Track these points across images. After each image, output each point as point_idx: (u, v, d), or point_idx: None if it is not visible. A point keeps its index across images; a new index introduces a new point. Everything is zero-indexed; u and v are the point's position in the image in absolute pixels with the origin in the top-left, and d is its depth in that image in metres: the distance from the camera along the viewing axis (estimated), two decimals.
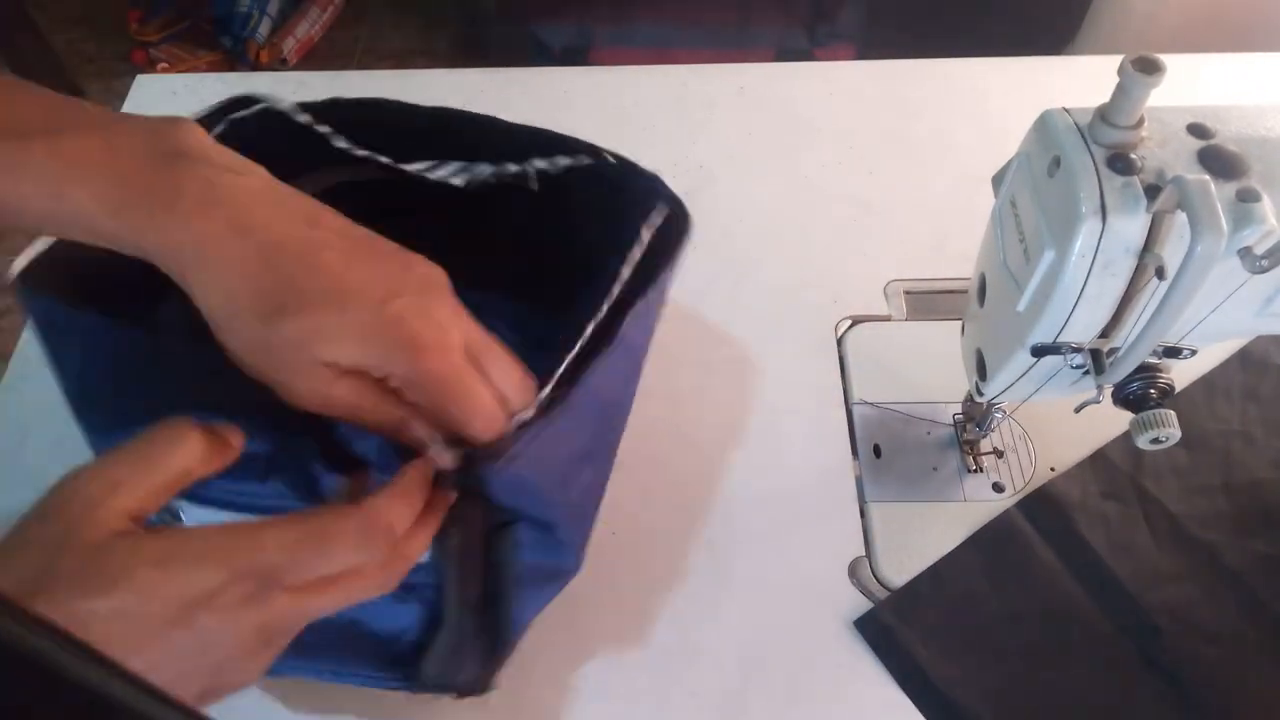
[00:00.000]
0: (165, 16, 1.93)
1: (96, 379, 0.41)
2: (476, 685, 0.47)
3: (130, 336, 0.40)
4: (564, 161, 0.47)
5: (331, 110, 0.47)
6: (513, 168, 0.47)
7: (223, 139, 0.41)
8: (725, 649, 0.53)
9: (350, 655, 0.46)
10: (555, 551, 0.46)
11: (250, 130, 0.46)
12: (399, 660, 0.46)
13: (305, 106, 0.47)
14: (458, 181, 0.47)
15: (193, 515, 0.42)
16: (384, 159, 0.47)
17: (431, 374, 0.36)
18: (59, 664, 0.20)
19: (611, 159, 0.47)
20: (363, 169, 0.47)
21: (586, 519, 0.49)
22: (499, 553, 0.44)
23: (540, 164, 0.47)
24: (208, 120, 0.46)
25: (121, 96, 0.79)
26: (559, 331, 0.53)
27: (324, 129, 0.46)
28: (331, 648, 0.46)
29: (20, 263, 0.41)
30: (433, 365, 0.36)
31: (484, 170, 0.48)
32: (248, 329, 0.35)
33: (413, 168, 0.47)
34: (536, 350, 0.57)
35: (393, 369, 0.36)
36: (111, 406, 0.41)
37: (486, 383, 0.38)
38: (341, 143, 0.46)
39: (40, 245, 0.41)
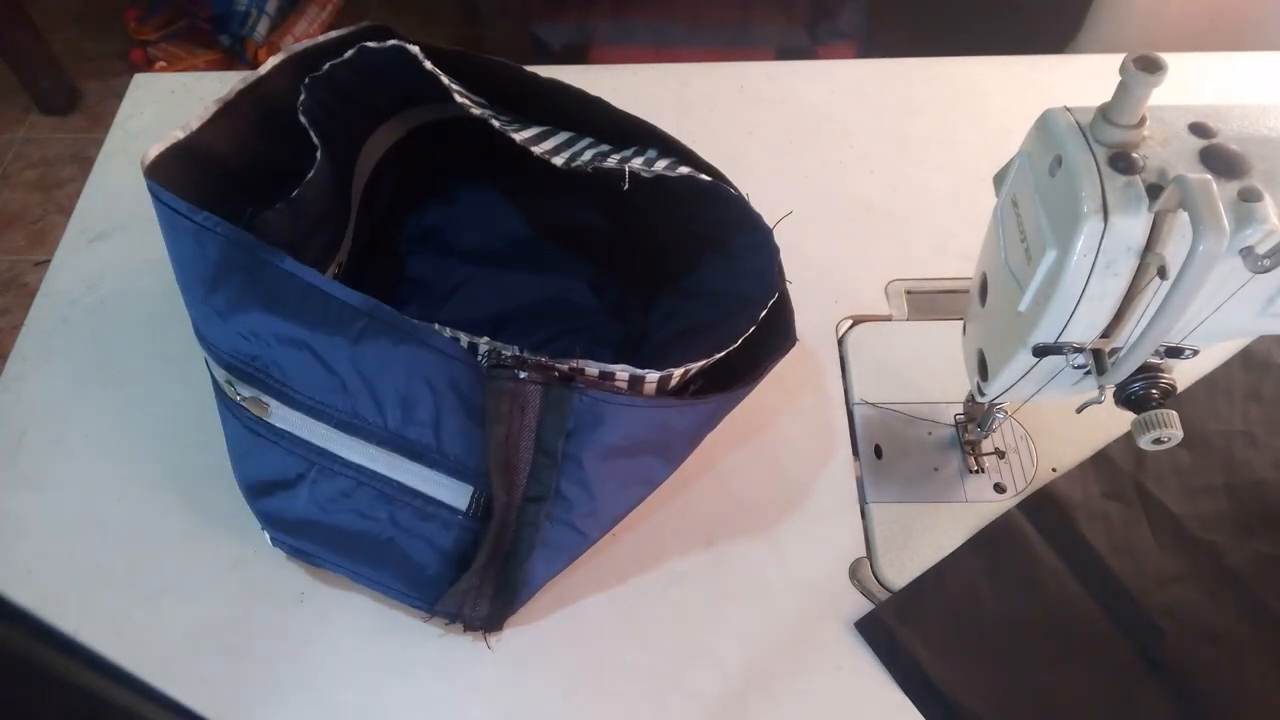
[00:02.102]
0: (163, 15, 1.93)
1: (203, 266, 0.45)
2: (486, 624, 0.52)
3: (235, 235, 0.44)
4: (660, 165, 0.50)
5: (455, 61, 0.51)
6: (611, 162, 0.50)
7: (350, 64, 0.48)
8: (725, 650, 0.53)
9: (386, 567, 0.51)
10: (575, 530, 0.50)
11: (379, 60, 0.50)
12: (423, 584, 0.51)
13: (431, 52, 0.50)
14: (558, 161, 0.50)
15: (279, 414, 0.47)
16: (497, 122, 0.50)
17: None
18: (57, 667, 0.20)
19: (705, 176, 0.51)
20: (473, 121, 0.50)
21: (608, 523, 0.52)
22: (529, 515, 0.49)
23: (636, 164, 0.49)
24: (342, 41, 0.51)
25: (119, 95, 0.79)
26: (632, 307, 0.63)
27: (448, 80, 0.49)
28: (370, 555, 0.51)
29: (150, 155, 0.46)
30: None
31: (585, 156, 0.51)
32: None
33: (522, 136, 0.50)
34: (610, 318, 0.61)
35: None
36: (211, 292, 0.46)
37: None
38: (462, 98, 0.49)
39: (164, 143, 0.47)
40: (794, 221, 0.72)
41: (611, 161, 0.50)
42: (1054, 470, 0.59)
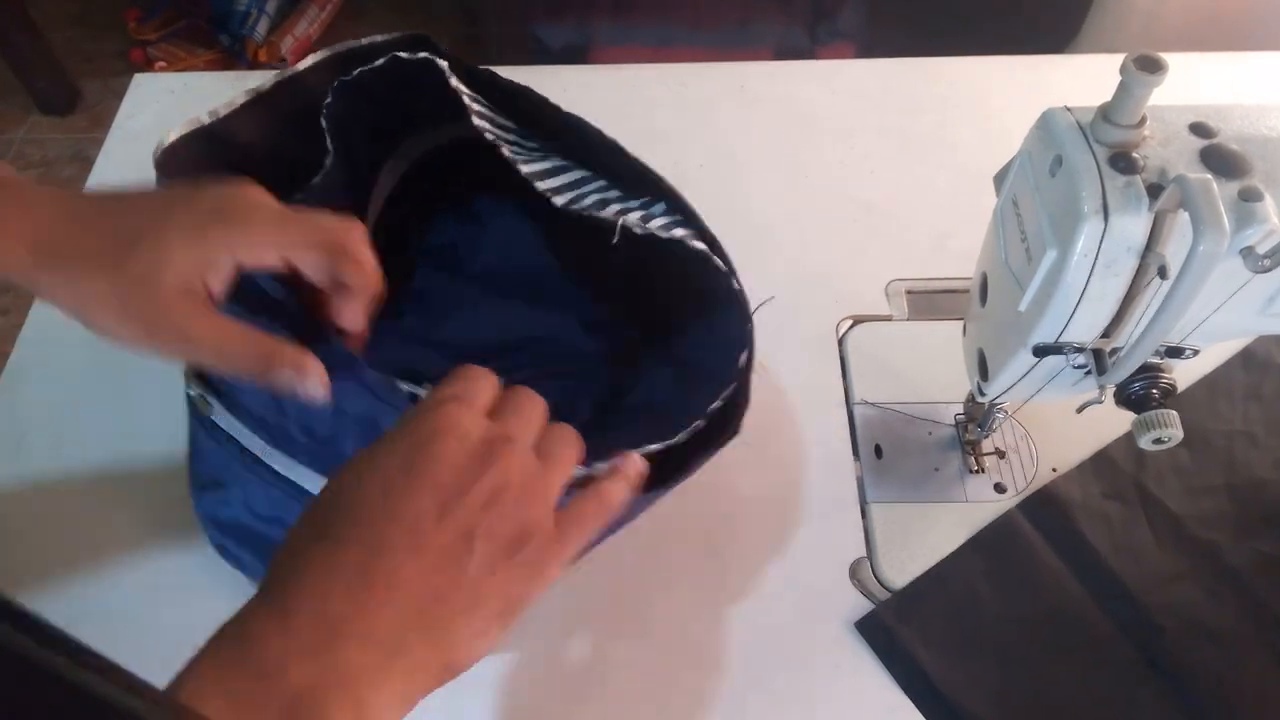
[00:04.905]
0: (163, 15, 1.93)
1: None
2: None
3: None
4: (656, 223, 0.49)
5: (483, 83, 0.51)
6: (610, 211, 0.49)
7: (380, 71, 0.49)
8: (725, 650, 0.53)
9: None
10: None
11: (409, 70, 0.49)
12: None
13: (458, 67, 0.49)
14: (558, 201, 0.49)
15: (221, 416, 0.47)
16: (506, 152, 0.49)
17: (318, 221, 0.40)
18: (55, 666, 0.20)
19: (698, 244, 0.49)
20: (482, 144, 0.49)
21: None
22: None
23: (633, 218, 0.49)
24: (384, 46, 0.51)
25: (119, 95, 0.79)
26: (623, 358, 0.61)
27: (469, 100, 0.48)
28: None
29: (168, 139, 0.46)
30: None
31: (588, 200, 0.50)
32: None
33: (529, 169, 0.49)
34: (601, 365, 0.60)
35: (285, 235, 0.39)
36: None
37: None
38: (480, 120, 0.49)
39: (186, 126, 0.47)
40: (794, 221, 0.72)
41: (610, 210, 0.49)
42: (1054, 470, 0.59)
